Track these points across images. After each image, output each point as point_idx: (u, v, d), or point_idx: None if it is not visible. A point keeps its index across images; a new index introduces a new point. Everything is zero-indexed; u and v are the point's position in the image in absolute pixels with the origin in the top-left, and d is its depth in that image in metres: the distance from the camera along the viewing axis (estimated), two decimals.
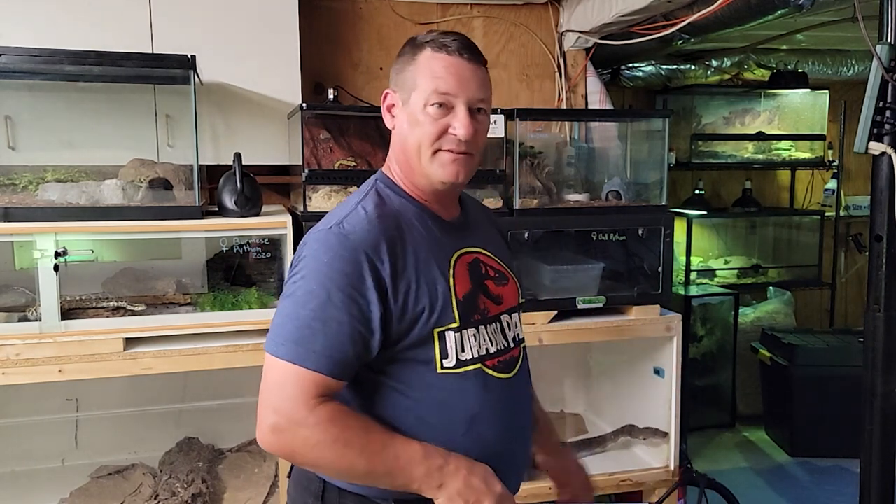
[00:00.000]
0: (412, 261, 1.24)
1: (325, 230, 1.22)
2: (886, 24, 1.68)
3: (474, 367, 1.27)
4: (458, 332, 1.26)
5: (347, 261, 1.18)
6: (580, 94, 3.17)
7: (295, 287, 1.20)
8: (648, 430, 2.60)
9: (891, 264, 1.72)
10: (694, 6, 2.47)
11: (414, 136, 1.28)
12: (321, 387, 1.15)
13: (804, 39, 3.85)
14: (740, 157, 4.41)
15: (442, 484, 1.18)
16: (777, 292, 4.54)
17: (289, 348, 1.16)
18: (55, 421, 2.54)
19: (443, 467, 1.18)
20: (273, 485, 2.41)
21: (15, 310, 2.09)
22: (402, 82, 1.30)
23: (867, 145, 1.70)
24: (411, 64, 1.28)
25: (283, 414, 1.14)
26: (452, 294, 1.27)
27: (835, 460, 3.68)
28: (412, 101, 1.28)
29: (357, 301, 1.17)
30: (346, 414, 1.17)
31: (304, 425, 1.13)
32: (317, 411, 1.14)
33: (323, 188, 2.30)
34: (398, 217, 1.27)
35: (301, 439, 1.14)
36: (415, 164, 1.29)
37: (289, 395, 1.14)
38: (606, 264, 2.51)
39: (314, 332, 1.16)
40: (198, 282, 2.37)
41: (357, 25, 2.92)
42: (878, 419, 1.76)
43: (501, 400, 1.31)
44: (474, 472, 1.20)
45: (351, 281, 1.17)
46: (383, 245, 1.21)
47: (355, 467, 1.16)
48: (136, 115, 2.41)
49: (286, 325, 1.18)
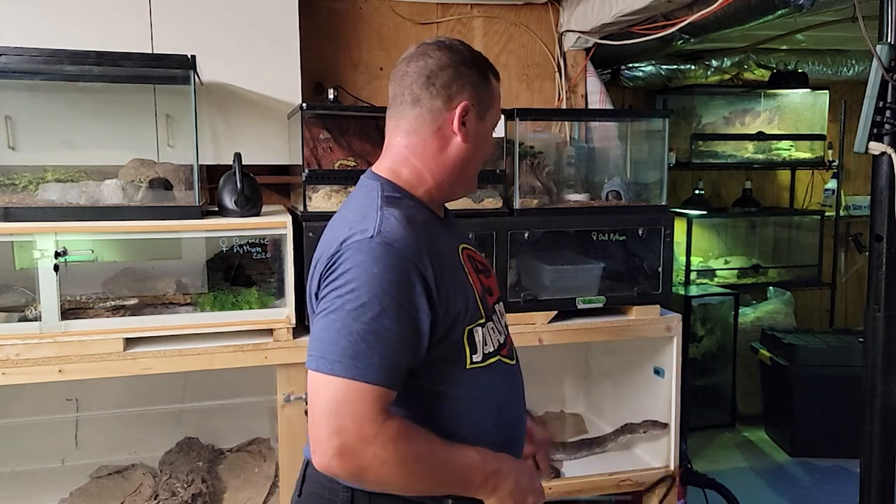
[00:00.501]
0: (443, 263, 1.24)
1: (366, 240, 1.18)
2: (886, 24, 1.68)
3: (495, 358, 1.32)
4: (483, 326, 1.30)
5: (396, 269, 1.16)
6: (580, 94, 3.17)
7: (342, 301, 1.15)
8: (647, 422, 2.59)
9: (891, 264, 1.72)
10: (694, 6, 2.47)
11: (481, 154, 1.35)
12: (384, 400, 1.13)
13: (804, 39, 3.85)
14: (740, 157, 4.41)
15: (496, 487, 1.23)
16: (777, 292, 4.54)
17: (346, 364, 1.11)
18: (55, 421, 2.53)
19: (498, 471, 1.23)
20: (273, 485, 2.41)
21: (15, 310, 2.09)
22: (480, 99, 1.32)
23: (867, 145, 1.70)
24: (487, 85, 1.34)
25: (349, 434, 1.10)
26: (475, 291, 1.31)
27: (835, 460, 3.68)
28: (488, 120, 1.35)
29: (408, 309, 1.16)
30: (411, 428, 1.16)
31: (374, 443, 1.10)
32: (385, 428, 1.11)
33: (323, 188, 2.30)
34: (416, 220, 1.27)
35: (371, 457, 1.10)
36: (468, 175, 1.36)
37: (353, 413, 1.10)
38: (606, 264, 2.51)
39: (370, 345, 1.12)
40: (198, 282, 2.37)
41: (357, 25, 2.92)
42: (878, 419, 1.76)
43: (514, 385, 1.39)
44: (523, 473, 1.27)
45: (402, 289, 1.16)
46: (424, 250, 1.20)
47: (423, 481, 1.18)
48: (136, 115, 2.41)
49: (339, 342, 1.13)
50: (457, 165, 1.32)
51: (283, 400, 2.17)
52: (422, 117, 1.30)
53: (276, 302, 2.24)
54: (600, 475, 2.50)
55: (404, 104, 1.31)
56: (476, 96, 1.31)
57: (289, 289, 2.16)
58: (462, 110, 1.29)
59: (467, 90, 1.30)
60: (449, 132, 1.30)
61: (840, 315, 4.90)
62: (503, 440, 1.30)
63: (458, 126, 1.30)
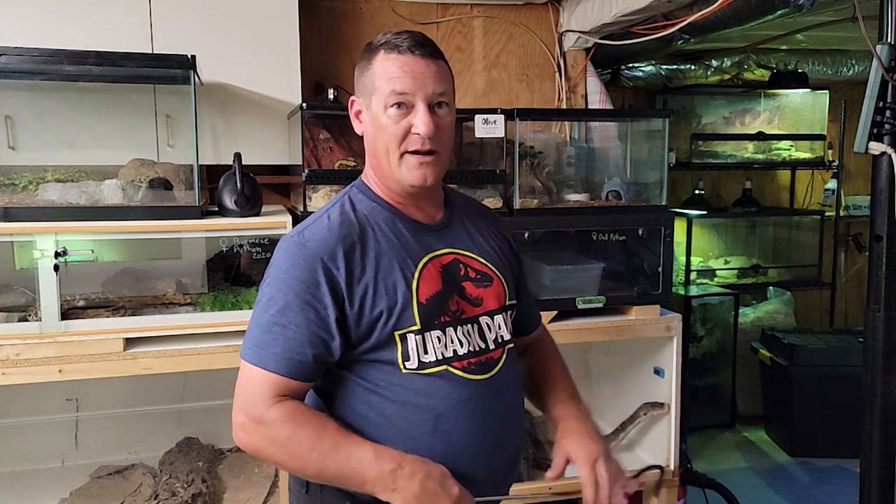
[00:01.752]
0: (371, 266, 1.26)
1: (287, 238, 1.29)
2: (886, 24, 1.68)
3: (439, 367, 1.28)
4: (419, 334, 1.27)
5: (303, 268, 1.23)
6: (580, 94, 3.17)
7: (261, 294, 1.27)
8: (645, 405, 2.59)
9: (891, 264, 1.72)
10: (694, 6, 2.47)
11: (381, 141, 1.29)
12: (281, 388, 1.22)
13: (804, 39, 3.85)
14: (740, 157, 4.41)
15: (396, 488, 1.18)
16: (777, 292, 4.54)
17: (253, 352, 1.23)
18: (55, 421, 2.54)
19: (396, 471, 1.18)
20: (273, 485, 2.41)
21: (15, 310, 2.09)
22: (362, 87, 1.32)
23: (867, 145, 1.70)
24: (368, 68, 1.30)
25: (246, 412, 1.22)
26: (414, 297, 1.28)
27: (835, 460, 3.68)
28: (373, 105, 1.29)
29: (314, 305, 1.22)
30: (301, 413, 1.22)
31: (262, 423, 1.20)
32: (272, 410, 1.20)
33: (323, 188, 2.30)
34: (364, 222, 1.30)
35: (260, 437, 1.21)
36: (385, 168, 1.31)
37: (251, 395, 1.22)
38: (606, 264, 2.51)
39: (274, 335, 1.22)
40: (198, 282, 2.37)
41: (357, 25, 2.92)
42: (878, 419, 1.76)
43: (473, 400, 1.30)
44: (431, 476, 1.20)
45: (307, 287, 1.22)
46: (340, 251, 1.25)
47: (307, 466, 1.21)
48: (136, 115, 2.41)
49: (252, 330, 1.25)
50: (374, 155, 1.34)
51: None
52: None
53: None
54: None
55: None
56: (359, 88, 1.33)
57: None
58: (350, 106, 1.36)
59: (355, 85, 1.35)
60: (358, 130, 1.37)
61: (840, 315, 4.90)
62: (443, 455, 1.24)
63: (353, 121, 1.36)
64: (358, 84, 1.34)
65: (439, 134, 1.28)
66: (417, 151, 1.27)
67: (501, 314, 1.40)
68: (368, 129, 1.32)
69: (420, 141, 1.26)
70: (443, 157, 1.31)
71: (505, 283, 1.42)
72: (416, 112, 1.26)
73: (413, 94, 1.26)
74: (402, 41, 1.27)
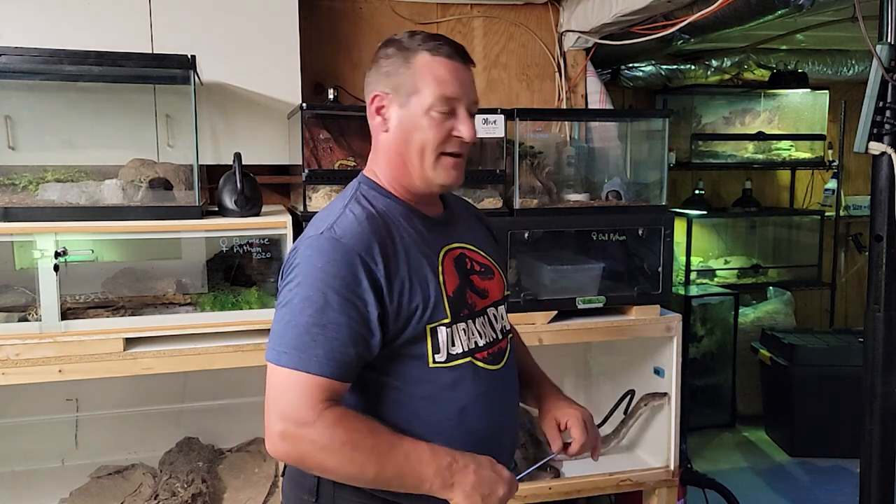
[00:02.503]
0: (404, 260, 1.26)
1: (316, 236, 1.23)
2: (886, 24, 1.68)
3: (464, 360, 1.30)
4: (449, 327, 1.29)
5: (342, 264, 1.19)
6: (580, 94, 3.17)
7: (291, 294, 1.20)
8: (645, 396, 2.58)
9: (891, 264, 1.72)
10: (694, 6, 2.47)
11: (416, 140, 1.29)
12: (326, 390, 1.17)
13: (804, 39, 3.85)
14: (740, 157, 4.41)
15: (454, 482, 1.20)
16: (777, 292, 4.54)
17: (291, 356, 1.17)
18: (55, 421, 2.54)
19: (452, 465, 1.20)
20: (273, 485, 2.41)
21: (15, 310, 2.09)
22: (396, 85, 1.29)
23: (867, 145, 1.70)
24: (407, 67, 1.28)
25: (290, 420, 1.15)
26: (443, 290, 1.29)
27: (835, 460, 3.68)
28: (412, 105, 1.28)
29: (354, 302, 1.19)
30: (352, 417, 1.18)
31: (312, 429, 1.14)
32: (324, 415, 1.15)
33: (323, 188, 2.30)
34: (385, 218, 1.29)
35: (308, 443, 1.15)
36: (414, 168, 1.30)
37: (294, 401, 1.15)
38: (606, 264, 2.51)
39: (314, 337, 1.17)
40: (198, 282, 2.37)
41: (357, 25, 2.92)
42: (878, 419, 1.76)
43: (491, 391, 1.34)
44: (482, 465, 1.23)
45: (347, 283, 1.19)
46: (375, 246, 1.23)
47: (365, 470, 1.17)
48: (136, 115, 2.41)
49: (286, 333, 1.19)
50: (391, 155, 1.32)
51: None
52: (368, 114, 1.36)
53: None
54: (600, 475, 2.50)
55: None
56: (391, 84, 1.30)
57: None
58: (371, 102, 1.33)
59: (381, 81, 1.31)
60: (375, 126, 1.34)
61: (840, 315, 4.90)
62: (469, 446, 1.26)
63: (372, 116, 1.34)
64: (388, 81, 1.30)
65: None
66: (453, 153, 1.30)
67: (503, 305, 1.45)
68: (398, 127, 1.30)
69: (460, 144, 1.30)
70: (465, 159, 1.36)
71: (502, 274, 1.47)
72: (459, 117, 1.29)
73: (459, 99, 1.29)
74: (445, 46, 1.29)
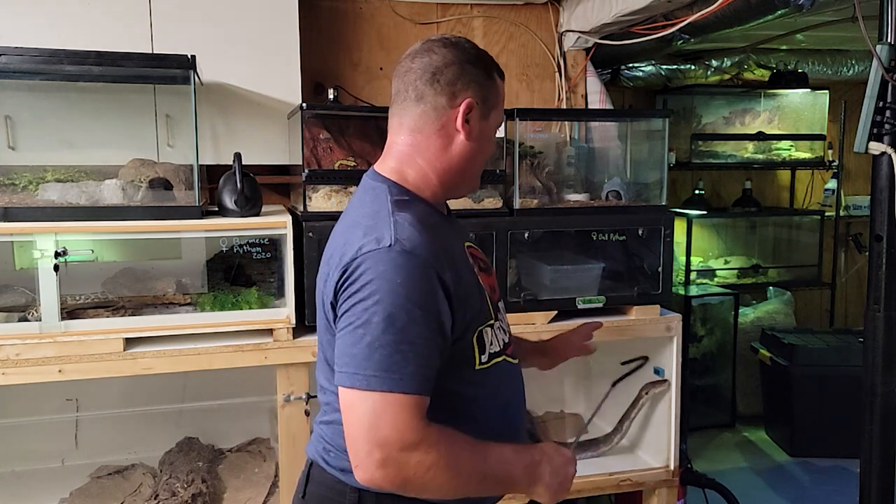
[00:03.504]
0: (454, 265, 1.24)
1: (384, 249, 1.16)
2: (886, 24, 1.68)
3: (500, 358, 1.33)
4: (491, 327, 1.31)
5: (420, 277, 1.16)
6: (580, 94, 3.17)
7: (369, 314, 1.13)
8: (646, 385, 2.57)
9: (891, 264, 1.72)
10: (694, 6, 2.47)
11: (486, 151, 1.35)
12: (423, 408, 1.14)
13: (804, 39, 3.85)
14: (740, 157, 4.41)
15: (537, 476, 1.25)
16: (777, 292, 4.54)
17: (382, 378, 1.11)
18: (55, 421, 2.53)
19: (533, 460, 1.26)
20: (273, 485, 2.41)
21: (15, 310, 2.09)
22: (484, 98, 1.30)
23: (867, 145, 1.70)
24: (492, 84, 1.32)
25: (392, 445, 1.10)
26: (485, 291, 1.32)
27: (835, 460, 3.68)
28: (492, 119, 1.33)
29: (434, 314, 1.17)
30: (451, 433, 1.17)
31: (418, 451, 1.11)
32: (427, 434, 1.12)
33: (323, 188, 2.30)
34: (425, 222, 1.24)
35: (415, 466, 1.11)
36: (472, 177, 1.36)
37: (395, 424, 1.10)
38: (606, 264, 2.51)
39: (404, 355, 1.12)
40: (198, 282, 2.37)
41: (357, 25, 2.92)
42: (878, 419, 1.76)
43: (519, 384, 1.41)
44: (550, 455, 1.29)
45: (426, 296, 1.16)
46: (442, 254, 1.21)
47: (470, 482, 1.18)
48: (136, 115, 2.41)
49: (372, 355, 1.12)
50: (460, 164, 1.30)
51: (283, 400, 2.17)
52: (426, 114, 1.28)
53: (276, 302, 2.24)
54: (600, 475, 2.50)
55: (408, 101, 1.29)
56: (480, 94, 1.29)
57: (289, 289, 2.16)
58: (466, 107, 1.27)
59: (472, 88, 1.28)
60: (453, 130, 1.28)
61: (840, 315, 4.90)
62: (512, 439, 1.31)
63: (462, 123, 1.28)
64: (478, 92, 1.29)
65: None
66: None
67: (502, 300, 1.48)
68: (478, 138, 1.31)
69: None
70: None
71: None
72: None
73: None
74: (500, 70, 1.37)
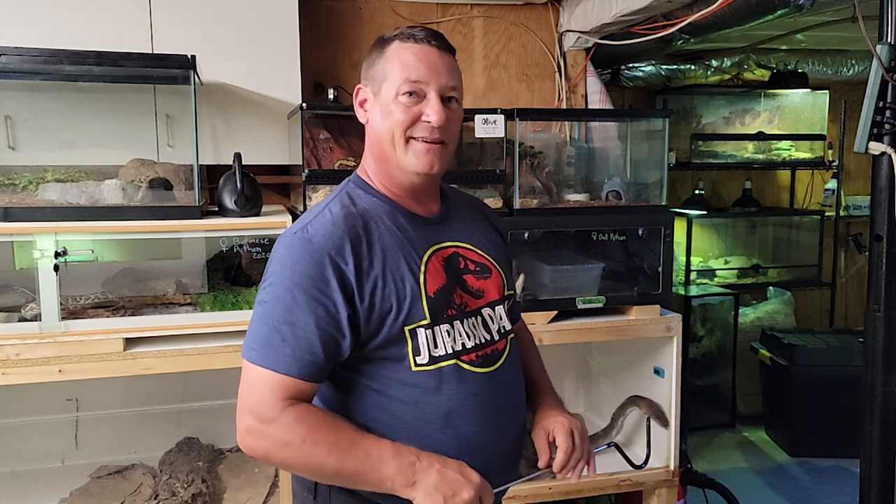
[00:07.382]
0: (379, 259, 1.24)
1: (290, 235, 1.24)
2: (886, 24, 1.68)
3: (448, 362, 1.28)
4: (429, 328, 1.26)
5: (310, 263, 1.20)
6: (580, 94, 3.17)
7: (264, 293, 1.22)
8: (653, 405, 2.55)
9: (891, 264, 1.72)
10: (694, 6, 2.47)
11: (386, 126, 1.28)
12: (291, 389, 1.18)
13: (804, 39, 3.85)
14: (740, 157, 4.40)
15: (416, 481, 1.18)
16: (777, 292, 4.54)
17: (260, 353, 1.19)
18: (55, 421, 2.54)
19: (414, 463, 1.18)
20: (273, 485, 2.41)
21: (15, 310, 2.09)
22: (372, 75, 1.31)
23: (867, 145, 1.70)
24: (381, 57, 1.30)
25: (255, 416, 1.18)
26: (422, 291, 1.27)
27: (835, 460, 3.68)
28: (383, 92, 1.28)
29: (323, 303, 1.19)
30: (314, 414, 1.20)
31: (274, 426, 1.17)
32: (285, 412, 1.17)
33: (323, 188, 2.30)
34: (366, 216, 1.28)
35: (271, 440, 1.17)
36: (389, 156, 1.29)
37: (260, 397, 1.18)
38: (606, 264, 2.51)
39: (283, 335, 1.18)
40: (198, 282, 2.37)
41: (357, 25, 2.92)
42: (878, 419, 1.76)
43: (480, 394, 1.30)
44: (448, 465, 1.20)
45: (315, 283, 1.19)
46: (347, 245, 1.22)
47: (325, 466, 1.17)
48: (136, 115, 2.41)
49: (258, 331, 1.21)
50: (374, 147, 1.33)
51: None
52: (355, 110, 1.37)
53: None
54: (600, 475, 2.50)
55: None
56: (368, 77, 1.32)
57: None
58: (356, 96, 1.35)
59: (362, 74, 1.34)
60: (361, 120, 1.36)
61: (840, 315, 4.90)
62: (455, 452, 1.24)
63: (357, 110, 1.35)
64: (367, 73, 1.33)
65: (448, 125, 1.28)
66: (424, 138, 1.27)
67: (501, 304, 1.41)
68: (374, 118, 1.31)
69: (429, 129, 1.26)
70: (449, 147, 1.31)
71: (503, 273, 1.44)
72: (429, 101, 1.26)
73: (427, 83, 1.26)
74: (417, 31, 1.29)
